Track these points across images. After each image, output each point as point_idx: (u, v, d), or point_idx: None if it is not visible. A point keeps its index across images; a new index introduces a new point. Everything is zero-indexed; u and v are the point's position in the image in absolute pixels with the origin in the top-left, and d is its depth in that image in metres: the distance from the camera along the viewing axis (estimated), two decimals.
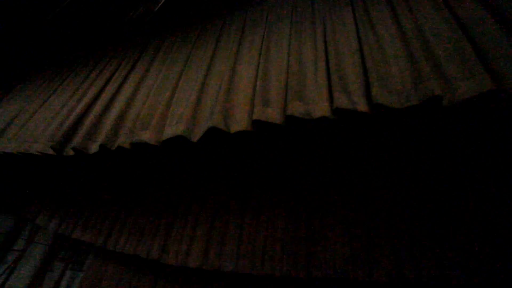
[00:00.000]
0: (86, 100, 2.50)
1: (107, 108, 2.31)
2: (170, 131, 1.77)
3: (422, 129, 2.23)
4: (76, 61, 3.62)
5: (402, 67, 1.50)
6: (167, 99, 2.07)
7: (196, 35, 2.68)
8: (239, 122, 1.65)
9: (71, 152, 2.08)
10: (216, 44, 2.37)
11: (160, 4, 4.88)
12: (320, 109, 1.47)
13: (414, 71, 1.44)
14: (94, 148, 2.03)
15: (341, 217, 2.13)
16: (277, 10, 2.44)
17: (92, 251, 3.40)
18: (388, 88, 1.42)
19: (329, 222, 2.12)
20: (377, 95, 1.38)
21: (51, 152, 2.18)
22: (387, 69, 1.52)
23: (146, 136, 1.86)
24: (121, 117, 2.12)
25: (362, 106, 1.41)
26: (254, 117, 1.55)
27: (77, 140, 2.11)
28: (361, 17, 1.89)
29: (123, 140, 1.93)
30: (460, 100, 1.26)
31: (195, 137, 1.73)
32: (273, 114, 1.57)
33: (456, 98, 1.27)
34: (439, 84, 1.32)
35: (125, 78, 2.58)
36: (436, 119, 2.09)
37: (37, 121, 2.71)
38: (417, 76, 1.41)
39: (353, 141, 2.42)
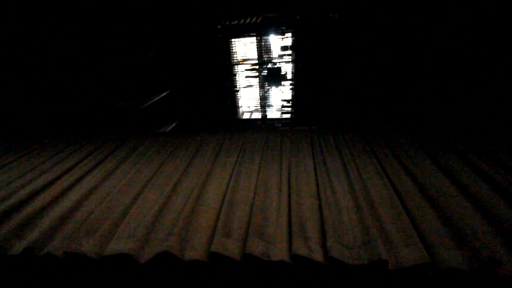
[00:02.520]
0: (33, 185, 2.29)
1: (54, 201, 2.10)
2: (116, 247, 1.60)
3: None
4: (41, 139, 3.51)
5: (353, 220, 1.68)
6: (126, 206, 1.97)
7: (175, 144, 2.87)
8: (196, 249, 1.57)
9: None
10: (192, 159, 2.53)
11: (146, 105, 5.36)
12: (280, 252, 1.49)
13: (363, 228, 1.62)
14: (16, 249, 1.70)
15: None
16: (252, 140, 2.81)
17: None
18: (342, 242, 1.54)
19: None
20: (332, 248, 1.47)
21: None
22: (340, 220, 1.69)
23: (87, 246, 1.64)
24: (67, 216, 1.92)
25: (318, 256, 1.47)
26: (213, 248, 1.51)
27: None
28: (320, 167, 2.24)
29: (57, 245, 1.67)
30: (402, 267, 1.38)
31: (143, 258, 1.57)
32: (232, 248, 1.54)
33: (399, 265, 1.39)
34: (385, 248, 1.47)
35: (89, 171, 2.50)
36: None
37: None
38: (366, 234, 1.56)
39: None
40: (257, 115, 6.88)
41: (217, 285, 1.86)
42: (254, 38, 5.39)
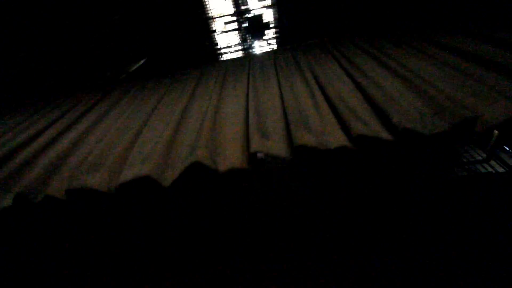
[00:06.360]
0: (19, 138, 1.90)
1: (45, 147, 1.73)
2: (131, 172, 1.28)
3: None
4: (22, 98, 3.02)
5: (409, 95, 1.39)
6: (130, 138, 1.62)
7: (171, 80, 2.46)
8: (231, 159, 1.26)
9: None
10: (196, 85, 2.14)
11: (136, 66, 4.78)
12: (336, 139, 1.20)
13: (426, 100, 1.33)
14: (5, 202, 1.37)
15: None
16: (260, 57, 2.42)
17: None
18: (408, 117, 1.25)
19: None
20: (401, 122, 1.18)
21: None
22: (392, 97, 1.39)
23: (94, 180, 1.32)
24: (60, 159, 1.56)
25: (386, 134, 1.18)
26: (252, 149, 1.20)
27: None
28: (347, 64, 1.89)
29: (56, 187, 1.35)
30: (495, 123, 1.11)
31: (167, 181, 1.26)
32: (276, 146, 1.23)
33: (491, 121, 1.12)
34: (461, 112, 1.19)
35: (78, 119, 2.10)
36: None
37: None
38: (433, 104, 1.28)
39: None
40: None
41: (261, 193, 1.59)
42: None
